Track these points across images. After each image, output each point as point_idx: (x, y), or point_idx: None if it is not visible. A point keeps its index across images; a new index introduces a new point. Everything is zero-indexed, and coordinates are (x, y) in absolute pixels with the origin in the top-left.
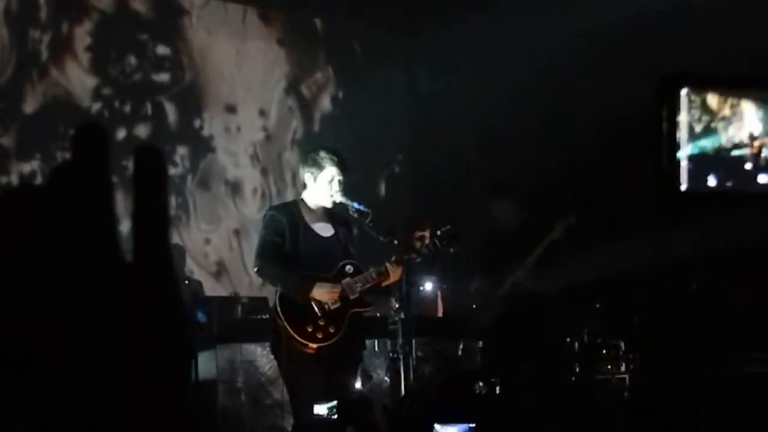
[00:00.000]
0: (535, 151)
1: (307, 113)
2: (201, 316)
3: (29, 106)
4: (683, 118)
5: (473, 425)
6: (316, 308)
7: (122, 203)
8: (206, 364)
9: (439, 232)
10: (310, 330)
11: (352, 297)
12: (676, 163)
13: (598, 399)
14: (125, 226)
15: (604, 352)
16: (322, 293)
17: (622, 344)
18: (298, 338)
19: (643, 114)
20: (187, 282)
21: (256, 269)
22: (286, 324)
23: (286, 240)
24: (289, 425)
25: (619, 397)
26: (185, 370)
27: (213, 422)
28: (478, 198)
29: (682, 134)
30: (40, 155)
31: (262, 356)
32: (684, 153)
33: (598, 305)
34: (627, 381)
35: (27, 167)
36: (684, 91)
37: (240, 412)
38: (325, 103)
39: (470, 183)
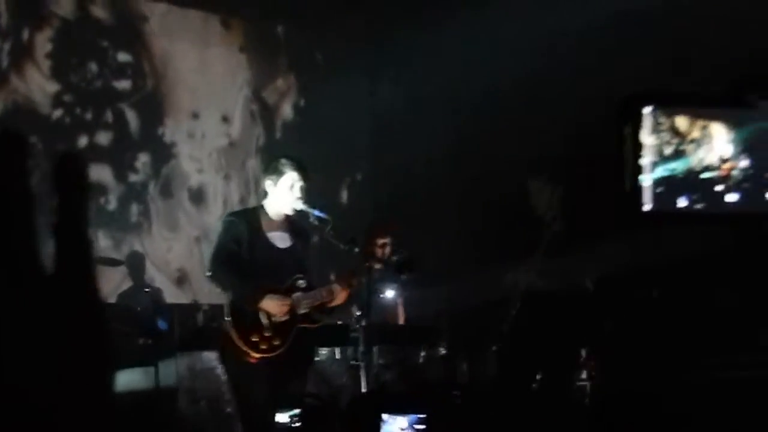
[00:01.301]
0: (502, 160)
1: (270, 120)
2: (161, 324)
3: None
4: (652, 140)
5: (424, 416)
6: (263, 319)
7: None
8: (167, 372)
9: (395, 258)
10: (255, 340)
11: (300, 312)
12: (639, 183)
13: (559, 406)
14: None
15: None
16: (272, 305)
17: (584, 351)
18: (242, 346)
19: (612, 125)
20: (147, 290)
21: (209, 274)
22: (233, 330)
23: (243, 247)
24: None
25: (581, 403)
26: (104, 389)
27: (173, 430)
28: (444, 204)
29: (651, 156)
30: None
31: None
32: (652, 175)
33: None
34: (588, 388)
35: None
36: (647, 110)
37: (200, 420)
38: (287, 111)
39: (434, 190)
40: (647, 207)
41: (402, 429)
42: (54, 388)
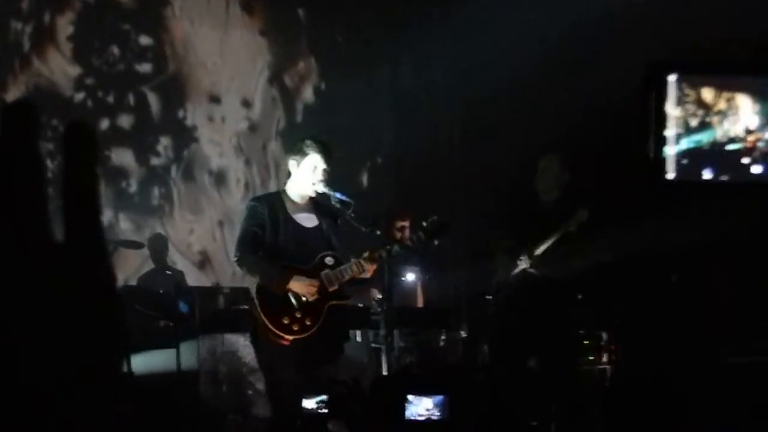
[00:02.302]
0: (521, 143)
1: (290, 104)
2: (183, 307)
3: (11, 96)
4: (677, 112)
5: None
6: (293, 300)
7: (104, 194)
8: (188, 355)
9: (424, 223)
10: (286, 322)
11: (330, 289)
12: (663, 153)
13: (580, 389)
14: (106, 217)
15: (585, 342)
16: (300, 286)
17: (604, 335)
18: (274, 330)
19: (631, 105)
20: (169, 272)
21: (235, 259)
22: (262, 315)
23: (267, 231)
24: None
25: (600, 387)
26: (115, 371)
27: (195, 413)
28: (461, 188)
29: (676, 128)
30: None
31: (244, 346)
32: (677, 146)
33: (579, 296)
34: (608, 372)
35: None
36: (672, 78)
37: (222, 402)
38: (308, 94)
39: (453, 174)
40: (671, 176)
41: (427, 410)
42: (63, 370)
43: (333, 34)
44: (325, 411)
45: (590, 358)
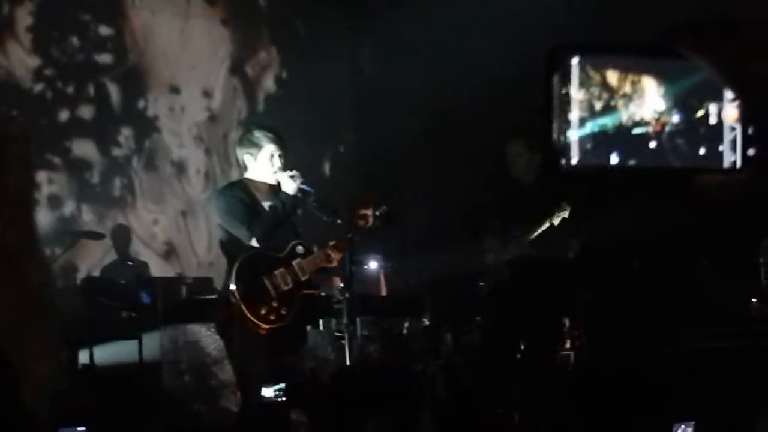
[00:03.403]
0: (489, 128)
1: (252, 93)
2: (145, 297)
3: None
4: (581, 95)
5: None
6: (270, 289)
7: (66, 186)
8: (150, 346)
9: (377, 213)
10: (263, 312)
11: (302, 278)
12: (567, 138)
13: (543, 376)
14: (68, 208)
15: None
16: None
17: (567, 321)
18: (252, 319)
19: None
20: (131, 263)
21: (255, 240)
22: (241, 304)
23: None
24: (236, 406)
25: (564, 374)
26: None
27: (157, 404)
28: (424, 175)
29: (579, 112)
30: None
31: (207, 336)
32: (581, 130)
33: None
34: (571, 358)
35: None
36: (575, 61)
37: (185, 393)
38: (269, 83)
39: (417, 160)
40: (574, 161)
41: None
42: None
43: (294, 22)
44: (284, 399)
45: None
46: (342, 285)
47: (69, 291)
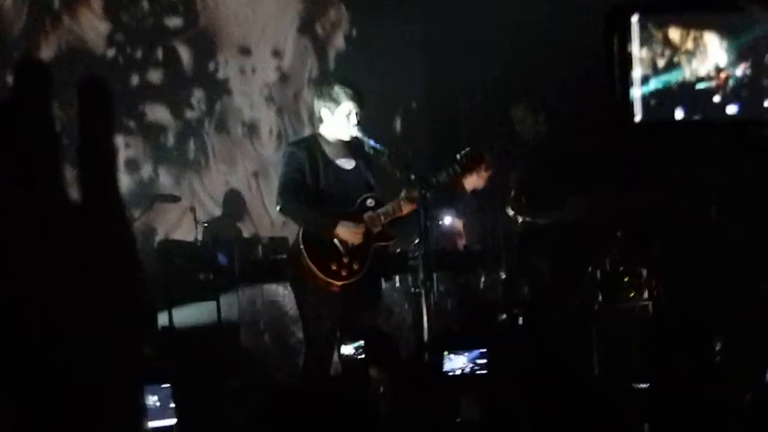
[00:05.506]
0: (557, 84)
1: (322, 52)
2: (221, 258)
3: (44, 55)
4: (643, 53)
5: (484, 350)
6: (339, 245)
7: (142, 149)
8: (228, 306)
9: (458, 156)
10: (334, 268)
11: (374, 231)
12: (629, 96)
13: (622, 327)
14: (146, 172)
15: (626, 279)
16: (346, 232)
17: (644, 271)
18: (323, 276)
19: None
20: (206, 225)
21: (278, 207)
22: (310, 263)
23: (307, 175)
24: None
25: (643, 324)
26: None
27: (237, 364)
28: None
29: (642, 69)
30: (57, 103)
31: (284, 296)
32: (645, 87)
33: (619, 233)
34: (650, 308)
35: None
36: (635, 19)
37: (264, 353)
38: (340, 42)
39: (488, 116)
40: (638, 118)
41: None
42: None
43: None
44: (362, 357)
45: (630, 295)
46: (417, 240)
47: (147, 254)
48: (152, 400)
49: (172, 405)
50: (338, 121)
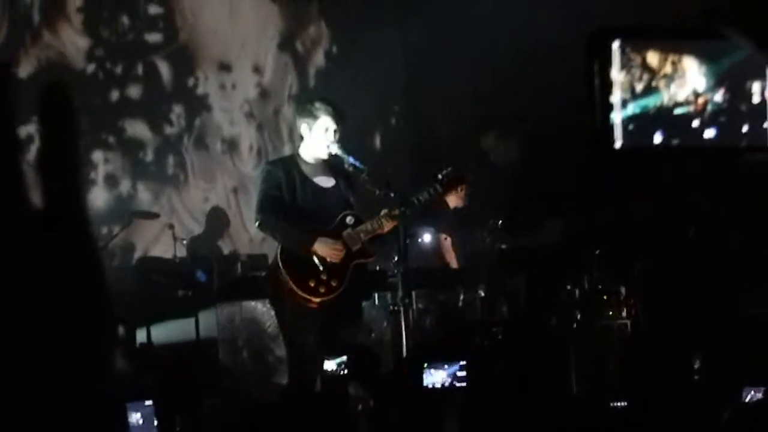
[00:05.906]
0: (535, 105)
1: (302, 69)
2: (200, 275)
3: (23, 70)
4: (622, 77)
5: (464, 363)
6: (317, 262)
7: (120, 165)
8: (207, 323)
9: (439, 176)
10: (312, 285)
11: (354, 248)
12: (609, 121)
13: (599, 346)
14: (125, 187)
15: (605, 298)
16: (324, 249)
17: (623, 290)
18: (300, 293)
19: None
20: (184, 241)
21: (257, 224)
22: (288, 279)
23: (284, 193)
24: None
25: (621, 343)
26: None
27: (215, 381)
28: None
29: (621, 93)
30: (37, 119)
31: (263, 313)
32: (623, 111)
33: (597, 251)
34: (628, 327)
35: (24, 131)
36: (616, 44)
37: (242, 370)
38: (320, 58)
39: (467, 134)
40: (618, 144)
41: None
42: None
43: None
44: (345, 372)
45: (609, 313)
46: (396, 258)
47: (126, 270)
48: (135, 417)
49: (156, 422)
50: (317, 137)
